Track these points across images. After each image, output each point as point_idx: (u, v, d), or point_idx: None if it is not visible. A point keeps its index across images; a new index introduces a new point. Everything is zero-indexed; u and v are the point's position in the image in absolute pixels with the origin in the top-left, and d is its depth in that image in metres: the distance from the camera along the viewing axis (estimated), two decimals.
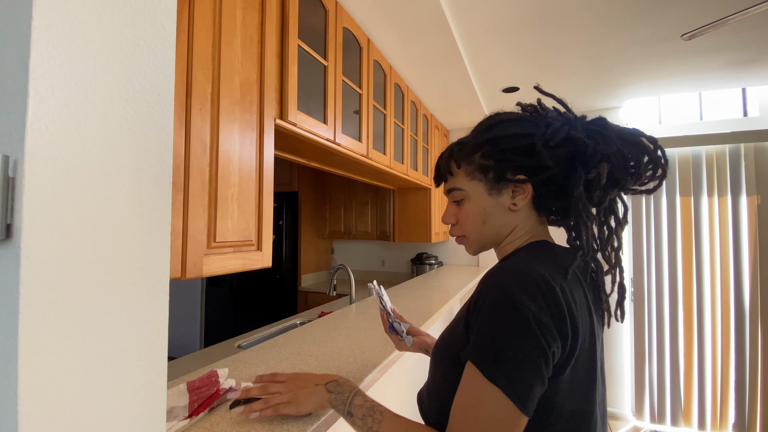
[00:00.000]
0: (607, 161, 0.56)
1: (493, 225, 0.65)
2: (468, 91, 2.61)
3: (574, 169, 0.58)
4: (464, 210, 0.66)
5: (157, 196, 0.48)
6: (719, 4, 1.67)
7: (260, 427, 0.74)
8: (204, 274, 0.89)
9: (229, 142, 0.98)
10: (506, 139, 0.61)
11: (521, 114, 0.65)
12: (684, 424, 2.71)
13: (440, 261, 3.60)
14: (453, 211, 0.69)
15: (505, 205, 0.64)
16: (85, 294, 0.40)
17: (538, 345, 0.48)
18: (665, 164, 0.58)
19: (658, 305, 2.81)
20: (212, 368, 0.96)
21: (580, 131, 0.58)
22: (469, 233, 0.67)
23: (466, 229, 0.67)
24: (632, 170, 0.58)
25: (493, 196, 0.64)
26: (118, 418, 0.43)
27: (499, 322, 0.49)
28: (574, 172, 0.58)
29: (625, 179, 0.57)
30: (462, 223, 0.68)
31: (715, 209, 2.71)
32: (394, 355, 1.16)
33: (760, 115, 2.70)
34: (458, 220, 0.68)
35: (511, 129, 0.62)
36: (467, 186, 0.65)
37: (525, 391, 0.47)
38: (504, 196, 0.63)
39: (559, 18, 1.79)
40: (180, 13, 0.85)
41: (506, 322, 0.49)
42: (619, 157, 0.56)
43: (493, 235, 0.66)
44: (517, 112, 0.66)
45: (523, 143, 0.60)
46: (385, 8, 1.64)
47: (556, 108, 0.65)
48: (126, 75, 0.45)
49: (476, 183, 0.64)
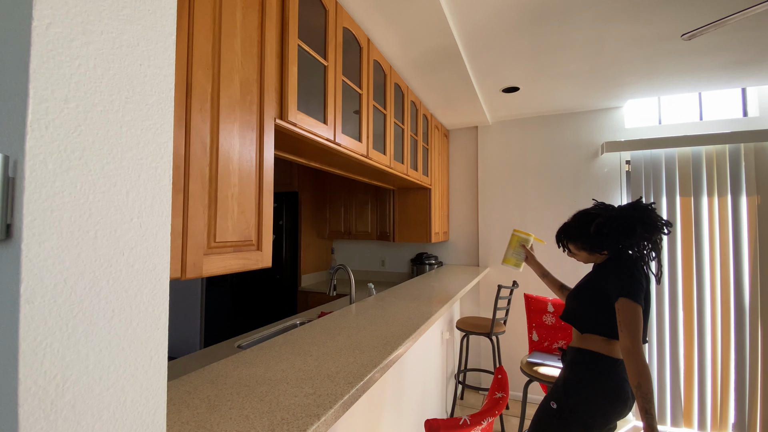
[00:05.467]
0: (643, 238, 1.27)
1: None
2: (468, 91, 2.62)
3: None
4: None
5: (157, 196, 0.48)
6: (719, 4, 1.67)
7: (260, 426, 0.74)
8: (204, 274, 0.89)
9: (229, 142, 0.98)
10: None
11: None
12: (684, 424, 2.71)
13: (440, 261, 3.61)
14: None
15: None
16: (85, 294, 0.40)
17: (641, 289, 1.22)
18: (667, 229, 1.25)
19: (658, 305, 2.81)
20: (212, 367, 0.95)
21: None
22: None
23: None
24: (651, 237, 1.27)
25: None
26: (119, 417, 0.43)
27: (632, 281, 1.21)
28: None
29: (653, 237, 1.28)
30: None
31: (715, 209, 2.71)
32: (394, 355, 1.16)
33: (760, 115, 2.70)
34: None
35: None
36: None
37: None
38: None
39: (559, 18, 1.79)
40: (180, 13, 0.85)
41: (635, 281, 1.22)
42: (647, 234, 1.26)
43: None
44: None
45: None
46: (385, 8, 1.64)
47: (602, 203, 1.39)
48: (126, 75, 0.45)
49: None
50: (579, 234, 1.34)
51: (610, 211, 1.30)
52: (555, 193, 3.23)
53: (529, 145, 3.35)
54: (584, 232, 1.31)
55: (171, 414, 0.80)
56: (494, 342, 2.80)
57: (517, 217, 3.33)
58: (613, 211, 1.29)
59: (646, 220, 1.23)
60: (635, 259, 1.25)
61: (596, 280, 1.31)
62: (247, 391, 0.90)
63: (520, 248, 1.85)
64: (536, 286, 3.15)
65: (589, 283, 1.34)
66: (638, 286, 1.17)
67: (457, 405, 3.06)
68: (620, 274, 1.21)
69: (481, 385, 3.33)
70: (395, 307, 1.79)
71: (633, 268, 1.22)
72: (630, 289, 1.16)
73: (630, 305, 1.13)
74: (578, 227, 1.34)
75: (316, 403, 0.84)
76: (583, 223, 1.33)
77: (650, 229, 1.22)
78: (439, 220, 3.36)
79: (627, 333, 1.10)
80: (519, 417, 2.55)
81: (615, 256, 1.28)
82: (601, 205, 1.35)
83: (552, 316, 2.42)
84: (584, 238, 1.32)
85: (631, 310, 1.12)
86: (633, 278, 1.19)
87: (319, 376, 0.98)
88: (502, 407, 1.07)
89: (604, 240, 1.26)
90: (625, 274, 1.20)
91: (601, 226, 1.26)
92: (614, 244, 1.25)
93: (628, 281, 1.18)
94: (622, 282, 1.19)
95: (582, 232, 1.32)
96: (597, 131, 3.13)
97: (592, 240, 1.29)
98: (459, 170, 3.64)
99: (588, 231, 1.30)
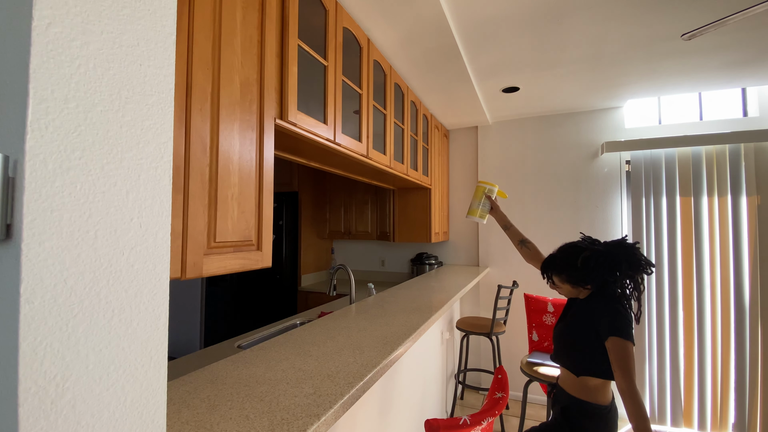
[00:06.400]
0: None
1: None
2: (468, 91, 2.61)
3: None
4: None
5: (157, 196, 0.48)
6: (719, 4, 1.67)
7: (260, 426, 0.74)
8: (204, 274, 0.89)
9: (229, 142, 0.98)
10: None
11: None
12: (684, 424, 2.71)
13: (440, 261, 3.61)
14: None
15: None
16: (85, 294, 0.40)
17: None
18: (650, 269, 1.26)
19: (658, 305, 2.81)
20: (212, 367, 0.96)
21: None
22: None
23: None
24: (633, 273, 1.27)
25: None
26: (119, 417, 0.43)
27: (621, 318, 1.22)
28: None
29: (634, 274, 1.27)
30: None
31: (715, 209, 2.71)
32: (394, 355, 1.16)
33: (760, 115, 2.70)
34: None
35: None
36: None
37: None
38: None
39: (559, 18, 1.79)
40: (180, 13, 0.85)
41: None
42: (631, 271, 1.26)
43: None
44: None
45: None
46: (385, 8, 1.64)
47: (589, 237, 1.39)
48: (126, 75, 0.45)
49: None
50: (565, 266, 1.34)
51: (596, 246, 1.30)
52: (555, 193, 3.23)
53: (529, 145, 3.35)
54: (571, 264, 1.31)
55: (171, 414, 0.80)
56: (494, 342, 2.80)
57: (517, 217, 3.33)
58: (600, 246, 1.30)
59: (631, 258, 1.24)
60: (619, 296, 1.26)
61: (583, 318, 1.30)
62: (247, 391, 0.90)
63: (486, 199, 1.84)
64: (537, 287, 3.15)
65: (576, 322, 1.33)
66: (627, 323, 1.18)
67: (457, 405, 3.06)
68: (608, 312, 1.21)
69: (481, 385, 3.33)
70: (395, 307, 1.79)
71: (619, 305, 1.23)
72: (620, 326, 1.17)
73: (621, 344, 1.13)
74: (564, 259, 1.35)
75: (316, 403, 0.84)
76: (570, 256, 1.33)
77: (634, 268, 1.23)
78: (439, 220, 3.36)
79: (621, 373, 1.11)
80: (519, 417, 2.55)
81: (599, 292, 1.29)
82: (588, 239, 1.36)
83: (552, 316, 2.42)
84: (570, 271, 1.32)
85: (623, 349, 1.13)
86: (621, 315, 1.20)
87: (319, 376, 0.98)
88: (502, 407, 1.07)
89: (590, 274, 1.27)
90: (614, 312, 1.21)
91: (587, 260, 1.27)
92: (599, 278, 1.26)
93: (617, 318, 1.19)
94: (612, 319, 1.19)
95: (568, 265, 1.32)
96: (597, 131, 3.13)
97: (577, 273, 1.30)
98: (459, 170, 3.64)
99: (574, 264, 1.30)
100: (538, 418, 2.90)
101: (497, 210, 1.84)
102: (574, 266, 1.30)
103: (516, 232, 1.76)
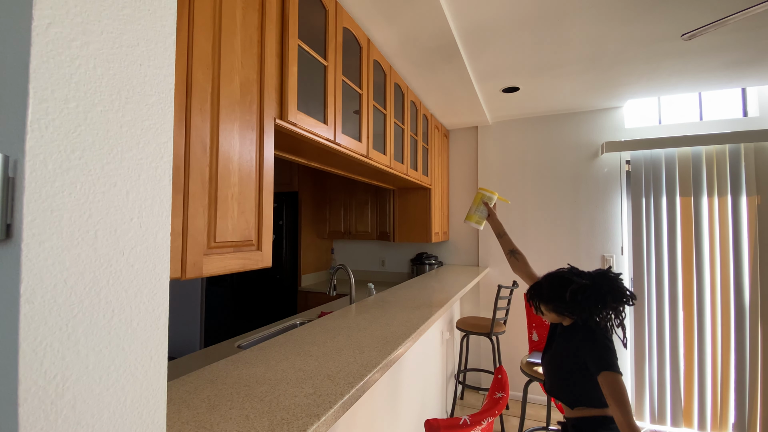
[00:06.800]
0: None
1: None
2: (468, 91, 2.61)
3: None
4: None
5: (157, 196, 0.48)
6: (719, 4, 1.67)
7: (260, 426, 0.74)
8: (204, 274, 0.89)
9: (229, 142, 0.98)
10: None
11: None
12: (684, 424, 2.71)
13: (440, 261, 3.61)
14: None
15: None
16: (85, 294, 0.40)
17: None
18: (632, 301, 1.30)
19: (658, 305, 2.81)
20: (212, 367, 0.96)
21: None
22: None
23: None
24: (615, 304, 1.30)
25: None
26: (119, 417, 0.43)
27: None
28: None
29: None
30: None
31: (715, 209, 2.71)
32: (394, 355, 1.16)
33: (760, 115, 2.70)
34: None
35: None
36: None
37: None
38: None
39: (559, 18, 1.79)
40: (180, 13, 0.85)
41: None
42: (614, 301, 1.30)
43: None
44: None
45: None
46: (385, 8, 1.64)
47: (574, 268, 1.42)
48: (126, 75, 0.45)
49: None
50: (552, 297, 1.38)
51: (583, 278, 1.34)
52: (555, 193, 3.23)
53: (529, 145, 3.35)
54: (559, 295, 1.35)
55: (171, 414, 0.80)
56: (494, 342, 2.80)
57: (516, 217, 3.33)
58: (586, 278, 1.34)
59: (616, 291, 1.28)
60: (604, 328, 1.31)
61: (570, 349, 1.34)
62: (247, 391, 0.90)
63: (483, 206, 1.89)
64: None
65: (564, 353, 1.37)
66: (613, 354, 1.23)
67: (457, 405, 3.06)
68: (596, 347, 1.25)
69: (481, 385, 3.33)
70: (395, 307, 1.79)
71: (605, 338, 1.27)
72: (608, 360, 1.21)
73: (613, 377, 1.17)
74: (552, 290, 1.38)
75: (316, 403, 0.84)
76: (556, 287, 1.37)
77: (618, 300, 1.28)
78: (439, 220, 3.36)
79: (617, 406, 1.13)
80: (519, 417, 2.55)
81: (583, 323, 1.33)
82: (574, 270, 1.39)
83: None
84: (557, 302, 1.36)
85: (615, 382, 1.16)
86: (607, 348, 1.24)
87: (319, 376, 0.98)
88: (502, 407, 1.07)
89: (577, 307, 1.31)
90: (602, 347, 1.25)
91: (575, 293, 1.31)
92: (586, 312, 1.30)
93: (605, 353, 1.23)
94: (600, 354, 1.23)
95: (556, 296, 1.36)
96: (597, 131, 3.13)
97: (564, 305, 1.34)
98: (459, 170, 3.64)
99: (561, 295, 1.34)
100: (538, 418, 2.90)
101: (493, 217, 1.87)
102: (563, 298, 1.33)
103: (508, 241, 1.78)
